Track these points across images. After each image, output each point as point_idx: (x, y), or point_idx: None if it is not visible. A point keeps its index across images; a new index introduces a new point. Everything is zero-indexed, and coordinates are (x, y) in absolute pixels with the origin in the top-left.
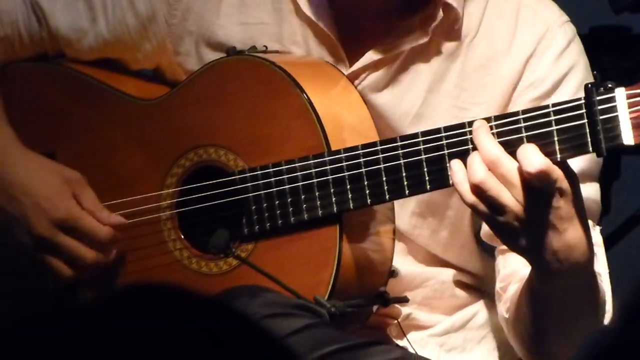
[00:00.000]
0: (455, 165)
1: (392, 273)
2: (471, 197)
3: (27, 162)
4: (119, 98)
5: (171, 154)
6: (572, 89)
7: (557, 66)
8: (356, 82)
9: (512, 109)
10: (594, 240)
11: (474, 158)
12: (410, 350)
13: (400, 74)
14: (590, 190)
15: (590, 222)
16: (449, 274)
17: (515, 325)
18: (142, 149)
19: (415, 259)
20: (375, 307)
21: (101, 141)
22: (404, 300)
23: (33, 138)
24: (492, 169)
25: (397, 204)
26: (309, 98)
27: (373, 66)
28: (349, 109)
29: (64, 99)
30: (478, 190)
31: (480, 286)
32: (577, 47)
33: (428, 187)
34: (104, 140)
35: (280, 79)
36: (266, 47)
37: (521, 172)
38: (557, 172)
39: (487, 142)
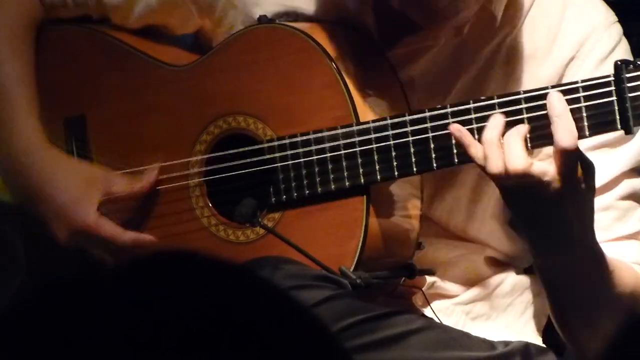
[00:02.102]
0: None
1: (419, 245)
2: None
3: (50, 164)
4: (150, 63)
5: (200, 121)
6: None
7: (599, 70)
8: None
9: None
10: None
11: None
12: (435, 319)
13: (432, 67)
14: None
15: None
16: (475, 249)
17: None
18: (171, 115)
19: (443, 236)
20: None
21: (132, 106)
22: (430, 273)
23: (65, 100)
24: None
25: None
26: (338, 68)
27: (403, 57)
28: (379, 80)
29: (97, 63)
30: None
31: (510, 262)
32: (623, 51)
33: (456, 160)
34: (135, 104)
35: (311, 49)
36: (297, 15)
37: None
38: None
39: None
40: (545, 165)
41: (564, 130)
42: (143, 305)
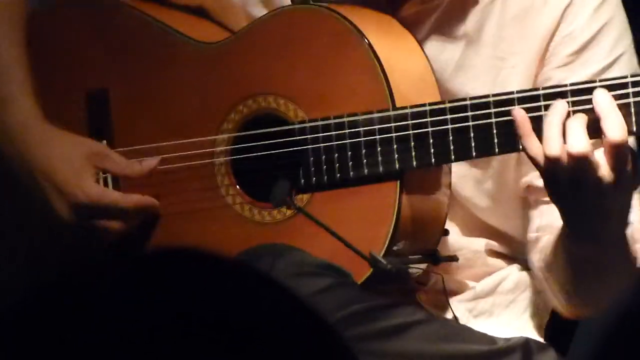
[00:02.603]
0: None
1: (445, 232)
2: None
3: (47, 140)
4: (178, 39)
5: (229, 100)
6: (610, 42)
7: (595, 18)
8: None
9: (549, 60)
10: None
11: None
12: (435, 314)
13: (438, 25)
14: None
15: None
16: (481, 243)
17: (551, 273)
18: (199, 93)
19: (450, 224)
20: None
21: (158, 82)
22: (453, 259)
23: (88, 74)
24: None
25: None
26: (376, 53)
27: (413, 15)
28: (413, 64)
29: (122, 37)
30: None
31: (513, 253)
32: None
33: (496, 150)
34: (161, 80)
35: (347, 32)
36: None
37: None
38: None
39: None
40: (602, 155)
41: (614, 125)
42: (143, 296)
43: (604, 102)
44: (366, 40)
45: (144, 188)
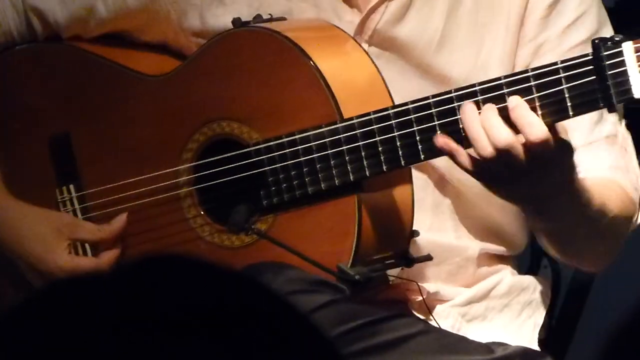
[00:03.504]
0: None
1: (414, 233)
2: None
3: (16, 219)
4: (129, 75)
5: (185, 130)
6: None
7: None
8: (376, 18)
9: (527, 19)
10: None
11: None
12: (433, 323)
13: (417, 1)
14: None
15: None
16: (475, 248)
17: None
18: (156, 126)
19: (443, 232)
20: (397, 271)
21: (114, 119)
22: (427, 259)
23: (46, 119)
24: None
25: None
26: (317, 67)
27: (387, 16)
28: (359, 73)
29: (75, 79)
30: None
31: (508, 251)
32: None
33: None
34: (117, 118)
35: (289, 49)
36: (271, 15)
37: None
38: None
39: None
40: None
41: (527, 125)
42: (140, 311)
43: (514, 102)
44: (308, 56)
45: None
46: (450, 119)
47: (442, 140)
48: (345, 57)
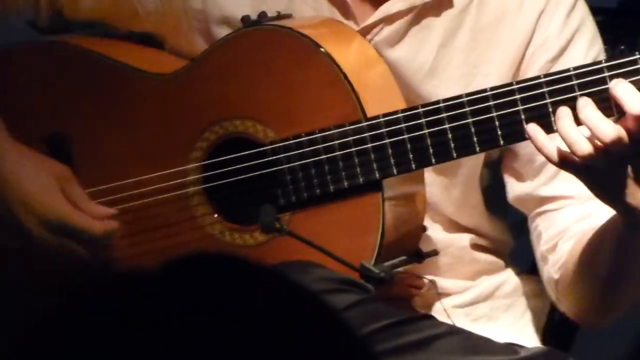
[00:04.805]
0: (532, 128)
1: (424, 228)
2: (560, 157)
3: (15, 155)
4: (133, 73)
5: (195, 129)
6: (585, 45)
7: (568, 23)
8: (368, 37)
9: (526, 68)
10: None
11: (567, 127)
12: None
13: (413, 28)
14: None
15: None
16: (466, 239)
17: (579, 280)
18: (163, 124)
19: (435, 222)
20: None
21: (119, 120)
22: (434, 254)
23: (47, 120)
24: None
25: None
26: (339, 65)
27: (387, 20)
28: (374, 70)
29: (77, 77)
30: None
31: (496, 248)
32: (583, 3)
33: (477, 148)
34: (122, 118)
35: (306, 47)
36: (279, 13)
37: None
38: None
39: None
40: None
41: (631, 97)
42: (174, 308)
43: (620, 83)
44: (327, 53)
45: (122, 226)
46: (485, 116)
47: (532, 127)
48: (359, 54)
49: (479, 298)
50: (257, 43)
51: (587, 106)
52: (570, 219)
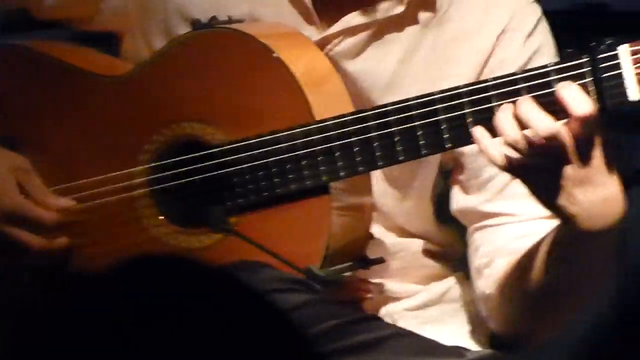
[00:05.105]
0: (478, 131)
1: (371, 235)
2: (503, 159)
3: None
4: (85, 76)
5: (143, 131)
6: None
7: (526, 45)
8: (328, 47)
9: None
10: None
11: (503, 119)
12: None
13: (374, 42)
14: None
15: None
16: (418, 244)
17: (509, 298)
18: (113, 127)
19: (385, 229)
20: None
21: (70, 122)
22: (381, 261)
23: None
24: (531, 126)
25: None
26: (288, 68)
27: (347, 32)
28: (325, 77)
29: (26, 81)
30: (513, 150)
31: (445, 254)
32: (545, 26)
33: (423, 151)
34: (74, 120)
35: (258, 50)
36: (230, 17)
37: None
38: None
39: (526, 104)
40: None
41: (575, 99)
42: (124, 308)
43: (566, 86)
44: (278, 56)
45: (69, 228)
46: (431, 119)
47: (479, 130)
48: (311, 60)
49: (427, 302)
50: (208, 45)
51: (525, 101)
52: (509, 236)
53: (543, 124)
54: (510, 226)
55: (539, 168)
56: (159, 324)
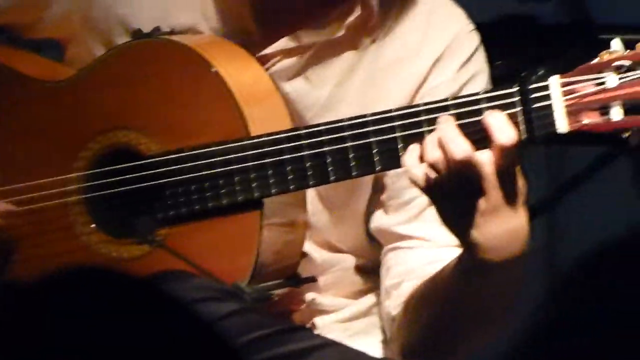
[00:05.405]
0: (409, 148)
1: (304, 254)
2: (422, 180)
3: None
4: (20, 79)
5: (79, 138)
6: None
7: (461, 73)
8: (266, 65)
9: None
10: None
11: (428, 139)
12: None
13: (311, 65)
14: None
15: None
16: (350, 260)
17: (413, 321)
18: (47, 133)
19: (318, 245)
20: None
21: (7, 126)
22: (312, 280)
23: None
24: (447, 150)
25: None
26: (226, 82)
27: (285, 53)
28: (263, 91)
29: None
30: (432, 170)
31: (378, 270)
32: (481, 56)
33: (353, 172)
34: (8, 124)
35: (196, 62)
36: (172, 30)
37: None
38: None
39: (446, 126)
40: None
41: (499, 127)
42: (42, 322)
43: (493, 114)
44: (216, 70)
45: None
46: (363, 141)
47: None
48: (250, 76)
49: (356, 314)
50: (146, 55)
51: (447, 122)
52: (420, 260)
53: (459, 147)
54: (423, 250)
55: (452, 192)
56: (78, 337)
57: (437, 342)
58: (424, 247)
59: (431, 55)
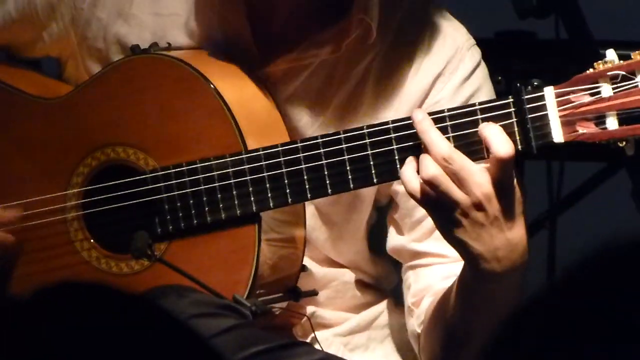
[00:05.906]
0: (407, 161)
1: (303, 268)
2: (419, 194)
3: None
4: (17, 96)
5: (77, 154)
6: None
7: (462, 89)
8: (266, 83)
9: None
10: None
11: (424, 155)
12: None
13: (307, 86)
14: None
15: None
16: (351, 275)
17: (432, 337)
18: (46, 150)
19: (317, 260)
20: (285, 304)
21: (5, 142)
22: (313, 294)
23: None
24: (444, 165)
25: None
26: (222, 96)
27: (285, 71)
28: (259, 105)
29: None
30: (429, 186)
31: (378, 285)
32: (483, 72)
33: (351, 185)
34: (6, 140)
35: (192, 77)
36: (169, 44)
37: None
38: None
39: (436, 138)
40: (484, 172)
41: (497, 139)
42: (38, 339)
43: (489, 125)
44: (212, 85)
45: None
46: (360, 154)
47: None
48: (246, 90)
49: (357, 328)
50: (144, 71)
51: (424, 120)
52: (436, 277)
53: (456, 162)
54: (438, 267)
55: (449, 205)
56: (75, 353)
57: (457, 355)
58: (439, 263)
59: (433, 70)
